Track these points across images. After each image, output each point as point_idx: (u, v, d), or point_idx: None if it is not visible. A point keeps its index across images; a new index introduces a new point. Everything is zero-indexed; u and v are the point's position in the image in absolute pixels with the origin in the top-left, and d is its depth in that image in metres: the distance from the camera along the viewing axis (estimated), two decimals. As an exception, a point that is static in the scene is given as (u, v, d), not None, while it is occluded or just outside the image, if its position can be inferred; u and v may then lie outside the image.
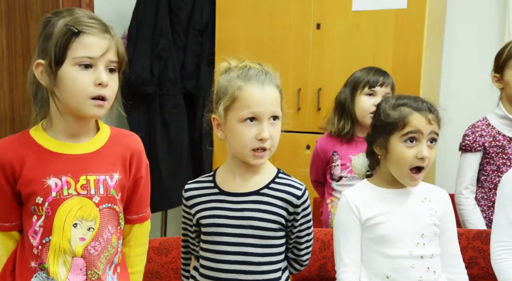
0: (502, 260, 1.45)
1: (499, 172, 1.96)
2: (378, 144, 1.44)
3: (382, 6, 2.37)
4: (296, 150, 2.56)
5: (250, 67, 1.35)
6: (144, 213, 1.43)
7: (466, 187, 2.02)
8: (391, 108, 1.41)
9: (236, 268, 1.33)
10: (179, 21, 2.78)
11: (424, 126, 1.37)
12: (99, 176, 1.28)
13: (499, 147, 1.97)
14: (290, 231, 1.40)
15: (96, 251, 1.27)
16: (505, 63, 1.96)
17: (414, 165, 1.37)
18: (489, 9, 2.62)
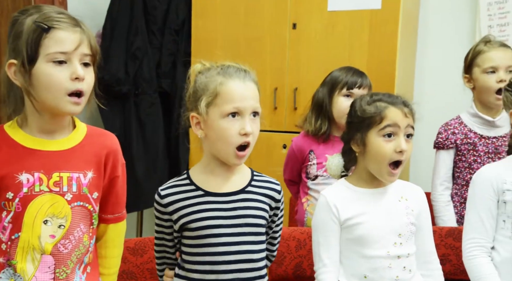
0: (473, 256, 1.48)
1: (471, 169, 2.00)
2: (356, 141, 1.45)
3: (357, 7, 2.40)
4: (272, 150, 2.57)
5: (229, 65, 1.36)
6: (120, 213, 1.41)
7: (441, 184, 2.06)
8: (366, 104, 1.43)
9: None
10: (154, 20, 2.76)
11: (400, 119, 1.38)
12: (72, 173, 1.26)
13: (470, 144, 2.01)
14: (269, 227, 1.43)
15: (66, 249, 1.26)
16: (472, 62, 2.01)
17: (393, 159, 1.38)
18: (461, 10, 2.67)
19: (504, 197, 1.45)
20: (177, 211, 1.35)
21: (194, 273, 1.35)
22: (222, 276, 1.33)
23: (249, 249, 1.34)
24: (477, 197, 1.50)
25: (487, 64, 1.96)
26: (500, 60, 1.95)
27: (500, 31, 2.54)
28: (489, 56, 1.97)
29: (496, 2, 2.55)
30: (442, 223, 1.99)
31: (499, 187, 1.46)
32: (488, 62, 1.96)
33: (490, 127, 2.01)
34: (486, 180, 1.49)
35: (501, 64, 1.95)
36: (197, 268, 1.34)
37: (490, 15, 2.56)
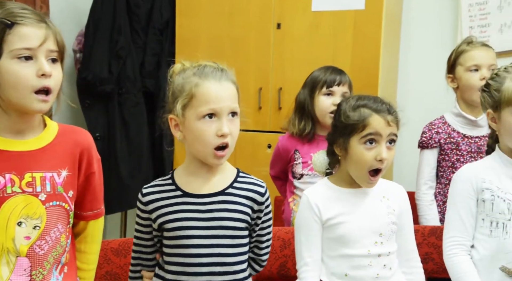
0: (453, 255, 1.49)
1: (454, 168, 2.03)
2: (339, 145, 1.45)
3: (341, 7, 2.41)
4: (257, 149, 2.57)
5: (206, 65, 1.34)
6: (98, 209, 1.40)
7: (425, 183, 2.09)
8: (351, 109, 1.42)
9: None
10: (138, 20, 2.74)
11: (383, 128, 1.38)
12: (45, 173, 1.24)
13: (453, 143, 2.03)
14: (252, 230, 1.41)
15: (42, 250, 1.24)
16: (455, 62, 2.04)
17: (373, 167, 1.39)
18: (442, 11, 2.70)
19: (483, 195, 1.47)
20: (156, 210, 1.34)
21: (169, 273, 1.35)
22: (193, 278, 1.31)
23: (223, 252, 1.32)
24: (457, 196, 1.52)
25: (470, 62, 1.99)
26: (483, 59, 1.99)
27: (481, 32, 2.57)
28: (472, 54, 2.00)
29: (476, 3, 2.58)
30: (426, 222, 2.02)
31: (478, 186, 1.48)
32: (471, 61, 1.99)
33: (473, 127, 2.03)
34: (465, 179, 1.51)
35: (483, 63, 1.98)
36: (172, 269, 1.34)
37: (471, 16, 2.60)
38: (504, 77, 1.46)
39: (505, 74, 1.47)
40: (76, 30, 2.83)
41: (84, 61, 2.71)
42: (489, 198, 1.46)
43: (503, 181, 1.47)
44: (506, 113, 1.44)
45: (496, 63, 2.02)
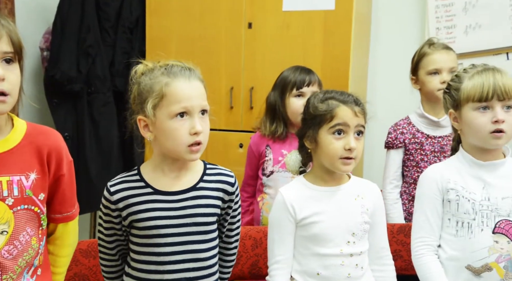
0: (421, 255, 1.52)
1: (418, 167, 2.07)
2: (308, 138, 1.47)
3: (311, 7, 2.43)
4: (228, 149, 2.57)
5: (173, 64, 1.34)
6: (68, 212, 1.37)
7: (390, 182, 2.13)
8: (319, 101, 1.45)
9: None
10: (107, 18, 2.70)
11: (350, 118, 1.41)
12: (12, 177, 1.21)
13: (417, 144, 2.08)
14: (223, 220, 1.42)
15: (11, 255, 1.21)
16: (418, 64, 2.09)
17: (343, 156, 1.41)
18: (410, 12, 2.75)
19: (448, 196, 1.50)
20: (127, 208, 1.33)
21: (140, 272, 1.34)
22: (167, 276, 1.32)
23: (196, 248, 1.34)
24: (423, 197, 1.54)
25: (431, 66, 2.04)
26: (443, 62, 2.03)
27: (447, 33, 2.63)
28: (433, 58, 2.04)
29: (443, 5, 2.64)
30: (390, 220, 2.06)
31: (443, 187, 1.51)
32: (431, 64, 2.04)
33: (436, 127, 2.08)
34: (431, 180, 1.53)
35: (444, 66, 2.03)
36: (143, 267, 1.34)
37: (437, 18, 2.65)
38: (463, 77, 1.50)
39: (464, 74, 1.51)
40: (43, 28, 2.77)
41: (52, 60, 2.65)
42: (454, 199, 1.49)
43: (467, 181, 1.50)
44: (466, 109, 1.48)
45: (457, 66, 2.07)
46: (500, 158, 1.51)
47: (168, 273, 1.32)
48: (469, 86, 1.46)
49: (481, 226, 1.46)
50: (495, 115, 1.43)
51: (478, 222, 1.46)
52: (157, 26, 2.65)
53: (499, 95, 1.42)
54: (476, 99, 1.44)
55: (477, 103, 1.44)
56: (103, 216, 1.38)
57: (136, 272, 1.35)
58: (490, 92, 1.42)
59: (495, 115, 1.42)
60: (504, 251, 1.43)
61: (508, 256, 1.43)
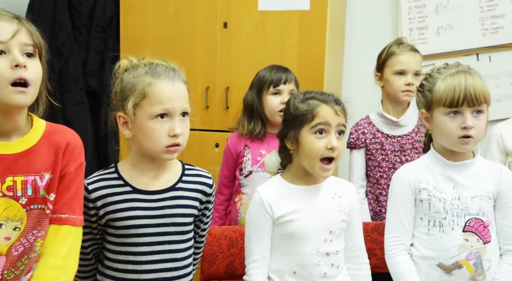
0: (394, 254, 1.54)
1: (380, 167, 2.10)
2: (290, 139, 1.47)
3: (286, 7, 2.44)
4: (204, 149, 2.56)
5: (158, 64, 1.34)
6: (64, 214, 1.28)
7: (355, 182, 2.15)
8: (299, 102, 1.46)
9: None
10: (80, 16, 2.67)
11: (331, 117, 1.42)
12: (27, 177, 1.21)
13: (378, 143, 2.11)
14: (199, 221, 1.43)
15: (17, 251, 1.21)
16: (385, 62, 2.11)
17: (325, 156, 1.42)
18: (384, 13, 2.78)
19: (420, 195, 1.53)
20: (105, 206, 1.33)
21: (116, 271, 1.34)
22: (144, 275, 1.32)
23: (173, 248, 1.34)
24: (396, 197, 1.57)
25: (398, 67, 2.07)
26: (409, 64, 2.06)
27: (419, 34, 2.68)
28: (400, 59, 2.07)
29: (415, 6, 2.69)
30: None
31: (415, 186, 1.53)
32: (398, 65, 2.07)
33: (395, 127, 2.11)
34: (403, 180, 1.55)
35: (410, 68, 2.06)
36: (119, 267, 1.33)
37: (410, 19, 2.70)
38: (436, 78, 1.51)
39: (437, 75, 1.52)
40: (14, 26, 2.72)
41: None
42: (426, 198, 1.52)
43: (438, 180, 1.53)
44: (437, 113, 1.50)
45: (421, 69, 2.10)
46: (470, 158, 1.54)
47: (145, 273, 1.32)
48: (441, 89, 1.47)
49: (452, 225, 1.49)
50: (464, 121, 1.44)
51: (449, 221, 1.49)
52: (131, 25, 2.62)
53: (469, 101, 1.44)
54: (447, 104, 1.46)
55: (448, 108, 1.46)
56: None
57: (112, 272, 1.34)
58: (460, 98, 1.44)
59: (464, 121, 1.44)
60: (473, 249, 1.47)
61: (478, 254, 1.47)
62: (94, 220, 1.35)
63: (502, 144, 2.07)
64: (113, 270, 1.34)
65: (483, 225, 1.48)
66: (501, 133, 2.08)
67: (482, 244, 1.47)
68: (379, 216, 2.10)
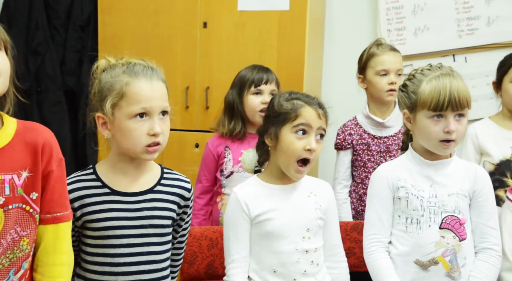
0: (372, 252, 1.56)
1: (365, 167, 2.13)
2: (270, 135, 1.49)
3: (266, 7, 2.45)
4: (184, 149, 2.55)
5: (135, 63, 1.33)
6: (59, 213, 1.28)
7: (340, 182, 2.18)
8: (284, 100, 1.48)
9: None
10: (57, 15, 2.64)
11: (314, 119, 1.44)
12: (4, 175, 1.18)
13: (364, 144, 2.13)
14: (178, 225, 1.43)
15: None
16: (366, 63, 2.14)
17: (302, 157, 1.43)
18: (363, 14, 2.80)
19: (398, 193, 1.55)
20: (82, 208, 1.31)
21: (92, 273, 1.32)
22: (121, 277, 1.31)
23: (152, 250, 1.34)
24: (375, 195, 1.59)
25: (380, 67, 2.10)
26: (391, 64, 2.10)
27: (397, 35, 2.71)
28: (382, 59, 2.10)
29: (393, 7, 2.72)
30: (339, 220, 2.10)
31: (394, 184, 1.56)
32: (380, 65, 2.10)
33: (381, 128, 2.14)
34: (382, 178, 1.58)
35: (392, 68, 2.09)
36: (96, 269, 1.32)
37: (388, 20, 2.73)
38: (421, 80, 1.51)
39: (421, 77, 1.52)
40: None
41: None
42: (404, 196, 1.54)
43: (416, 179, 1.55)
44: (420, 115, 1.51)
45: (402, 68, 2.14)
46: (447, 158, 1.56)
47: (122, 275, 1.31)
48: (426, 92, 1.48)
49: (429, 222, 1.51)
50: (447, 125, 1.46)
51: (426, 218, 1.51)
52: (109, 24, 2.60)
53: (453, 106, 1.45)
54: (431, 108, 1.47)
55: (432, 111, 1.47)
56: None
57: (89, 274, 1.33)
58: (445, 102, 1.45)
59: (447, 125, 1.46)
60: (449, 245, 1.50)
61: (453, 250, 1.50)
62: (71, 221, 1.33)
63: (477, 143, 2.11)
64: (90, 272, 1.33)
65: (459, 222, 1.51)
66: (476, 132, 2.12)
67: (458, 241, 1.50)
68: (361, 215, 2.13)
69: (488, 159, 2.06)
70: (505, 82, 2.07)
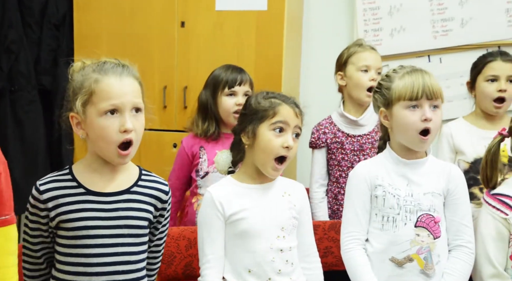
0: (349, 249, 1.58)
1: (340, 166, 2.15)
2: (247, 133, 1.49)
3: (244, 7, 2.45)
4: (162, 149, 2.54)
5: (106, 61, 1.32)
6: (6, 215, 1.25)
7: (316, 181, 2.19)
8: (262, 98, 1.49)
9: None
10: (31, 13, 2.60)
11: (291, 117, 1.46)
12: None
13: (338, 143, 2.15)
14: (154, 228, 1.41)
15: None
16: (347, 60, 2.16)
17: (279, 154, 1.45)
18: (340, 15, 2.82)
19: (376, 192, 1.57)
20: (56, 208, 1.30)
21: (66, 274, 1.31)
22: (95, 278, 1.30)
23: (127, 251, 1.33)
24: (353, 193, 1.61)
25: (362, 63, 2.12)
26: (372, 61, 2.13)
27: (374, 36, 2.74)
28: (364, 56, 2.13)
29: (370, 8, 2.75)
30: (316, 219, 2.12)
31: (372, 183, 1.58)
32: (362, 61, 2.12)
33: (355, 126, 2.16)
34: (360, 177, 1.60)
35: (373, 65, 2.13)
36: (69, 269, 1.30)
37: (365, 21, 2.76)
38: (394, 77, 1.57)
39: (394, 74, 1.58)
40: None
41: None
42: (381, 194, 1.56)
43: (393, 178, 1.58)
44: (397, 108, 1.55)
45: (382, 67, 2.17)
46: (422, 157, 1.60)
47: (96, 275, 1.29)
48: (400, 85, 1.54)
49: (405, 221, 1.54)
50: (424, 113, 1.51)
51: (402, 217, 1.54)
52: (85, 23, 2.57)
53: (428, 94, 1.51)
54: (407, 98, 1.52)
55: (408, 101, 1.52)
56: (30, 216, 1.33)
57: (63, 274, 1.31)
58: (419, 91, 1.51)
59: (424, 113, 1.51)
60: (424, 243, 1.52)
61: (428, 248, 1.52)
62: (45, 222, 1.32)
63: (452, 142, 2.15)
64: (64, 273, 1.31)
65: (434, 220, 1.54)
66: (451, 132, 2.16)
67: (432, 239, 1.53)
68: (336, 214, 2.14)
69: (463, 157, 2.10)
70: (479, 82, 2.12)
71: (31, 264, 1.38)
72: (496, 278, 1.53)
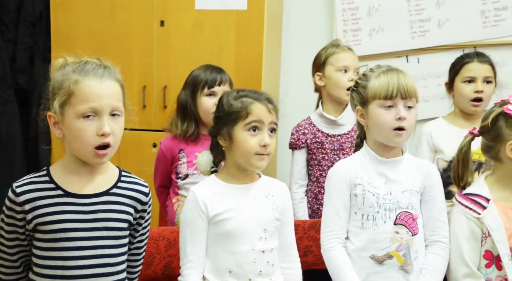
0: (330, 248, 1.59)
1: (320, 166, 2.16)
2: (223, 136, 1.48)
3: (224, 7, 2.45)
4: (141, 149, 2.52)
5: (87, 61, 1.30)
6: None
7: (295, 182, 2.21)
8: (233, 99, 1.48)
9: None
10: (6, 11, 2.56)
11: (265, 115, 1.46)
12: None
13: (318, 143, 2.17)
14: (134, 230, 1.40)
15: None
16: (326, 60, 2.18)
17: (259, 152, 1.45)
18: (320, 15, 2.84)
19: (355, 190, 1.59)
20: (33, 210, 1.27)
21: (44, 277, 1.29)
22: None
23: (107, 253, 1.31)
24: (332, 191, 1.62)
25: (341, 63, 2.14)
26: (351, 61, 2.15)
27: (353, 36, 2.76)
28: (342, 56, 2.15)
29: (349, 8, 2.77)
30: (295, 219, 2.12)
31: (351, 181, 1.59)
32: (341, 62, 2.14)
33: (334, 126, 2.18)
34: (340, 175, 1.61)
35: (351, 65, 2.15)
36: (47, 273, 1.28)
37: (344, 21, 2.78)
38: (370, 76, 1.60)
39: (370, 73, 1.61)
40: None
41: None
42: (361, 193, 1.58)
43: (372, 176, 1.59)
44: (373, 106, 1.57)
45: (359, 67, 2.20)
46: (399, 156, 1.62)
47: (74, 279, 1.28)
48: (376, 84, 1.56)
49: (384, 218, 1.55)
50: (398, 112, 1.53)
51: (382, 215, 1.56)
52: (62, 21, 2.53)
53: (402, 93, 1.53)
54: (382, 97, 1.54)
55: (383, 100, 1.54)
56: (6, 218, 1.30)
57: (40, 278, 1.29)
58: (394, 90, 1.53)
59: (398, 112, 1.53)
60: (403, 240, 1.54)
61: (407, 245, 1.54)
62: (21, 224, 1.29)
63: (431, 142, 2.18)
64: (42, 277, 1.29)
65: (412, 218, 1.56)
66: (431, 131, 2.19)
67: (410, 236, 1.55)
68: (316, 214, 2.15)
69: (442, 156, 2.14)
70: (457, 83, 2.16)
71: (7, 268, 1.35)
72: (470, 278, 1.55)
